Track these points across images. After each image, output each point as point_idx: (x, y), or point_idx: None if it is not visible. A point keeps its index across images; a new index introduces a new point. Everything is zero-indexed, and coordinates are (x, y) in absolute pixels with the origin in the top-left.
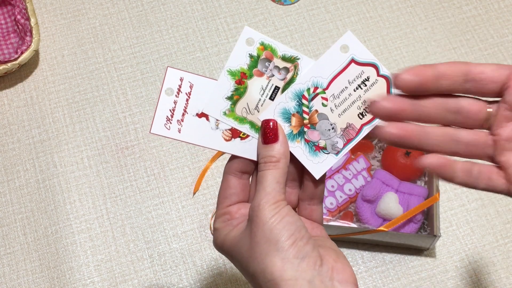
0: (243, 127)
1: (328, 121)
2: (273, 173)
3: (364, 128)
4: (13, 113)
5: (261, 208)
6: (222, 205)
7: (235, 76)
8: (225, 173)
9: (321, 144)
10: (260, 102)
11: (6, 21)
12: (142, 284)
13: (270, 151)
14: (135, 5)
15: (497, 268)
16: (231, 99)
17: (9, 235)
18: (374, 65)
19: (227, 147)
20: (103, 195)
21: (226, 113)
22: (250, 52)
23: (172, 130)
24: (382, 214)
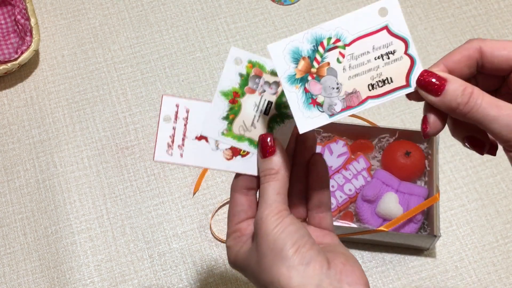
0: (242, 144)
1: (336, 79)
2: (272, 185)
3: (368, 101)
4: (13, 113)
5: (264, 220)
6: (232, 223)
7: (228, 96)
8: (232, 191)
9: (319, 99)
10: (256, 118)
11: (6, 21)
12: (142, 284)
13: (269, 163)
14: (135, 5)
15: (497, 268)
16: (227, 118)
17: (9, 235)
18: (405, 41)
19: (229, 166)
20: (103, 195)
21: (224, 133)
22: (240, 71)
23: (175, 156)
24: (382, 214)
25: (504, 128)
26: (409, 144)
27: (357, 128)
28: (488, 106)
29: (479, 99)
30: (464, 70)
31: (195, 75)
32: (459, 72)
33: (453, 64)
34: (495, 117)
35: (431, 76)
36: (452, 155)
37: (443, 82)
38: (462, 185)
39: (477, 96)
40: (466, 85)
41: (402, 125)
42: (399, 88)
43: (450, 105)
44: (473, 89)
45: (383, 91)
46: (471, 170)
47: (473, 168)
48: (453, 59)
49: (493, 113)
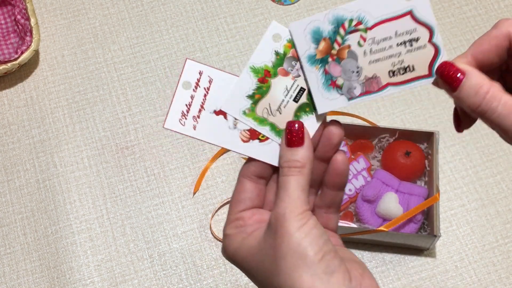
0: (263, 128)
1: (356, 63)
2: (297, 179)
3: (388, 88)
4: (13, 113)
5: (287, 218)
6: (235, 210)
7: (258, 73)
8: (241, 176)
9: (338, 82)
10: (283, 103)
11: (6, 21)
12: (142, 284)
13: (295, 155)
14: (135, 5)
15: (497, 268)
16: (252, 97)
17: (9, 235)
18: (430, 29)
19: (244, 149)
20: (103, 195)
21: (246, 113)
22: (276, 49)
23: (187, 126)
24: (382, 214)
25: None
26: (409, 144)
27: (357, 128)
28: (506, 112)
29: (495, 101)
30: (495, 60)
31: None
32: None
33: (482, 54)
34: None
35: (450, 68)
36: (452, 155)
37: (461, 76)
38: (462, 185)
39: (493, 98)
40: (483, 83)
41: (402, 125)
42: (420, 77)
43: (464, 103)
44: (489, 89)
45: (404, 78)
46: (471, 170)
47: (473, 168)
48: (481, 49)
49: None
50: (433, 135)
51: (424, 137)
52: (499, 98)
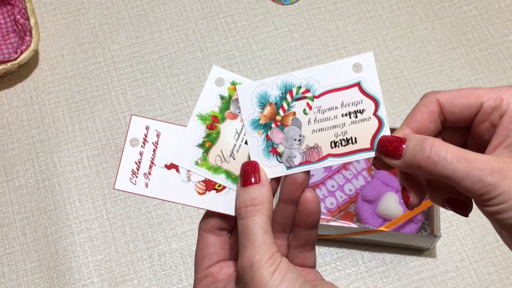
0: (218, 177)
1: (299, 131)
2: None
3: (328, 159)
4: (13, 113)
5: (256, 267)
6: (201, 267)
7: (206, 120)
8: (201, 231)
9: (279, 149)
10: (236, 147)
11: (6, 21)
12: (142, 284)
13: (251, 193)
14: (135, 5)
15: (498, 268)
16: (203, 146)
17: (9, 235)
18: (376, 101)
19: (201, 202)
20: (103, 195)
21: (198, 163)
22: (221, 93)
23: (139, 185)
24: (382, 214)
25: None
26: None
27: None
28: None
29: (442, 151)
30: (430, 127)
31: (195, 75)
32: (425, 130)
33: (417, 123)
34: (465, 172)
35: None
36: None
37: (401, 142)
38: None
39: (440, 149)
40: (425, 138)
41: None
42: (362, 151)
43: (412, 164)
44: (434, 141)
45: (345, 150)
46: None
47: None
48: (415, 119)
49: (462, 169)
50: None
51: None
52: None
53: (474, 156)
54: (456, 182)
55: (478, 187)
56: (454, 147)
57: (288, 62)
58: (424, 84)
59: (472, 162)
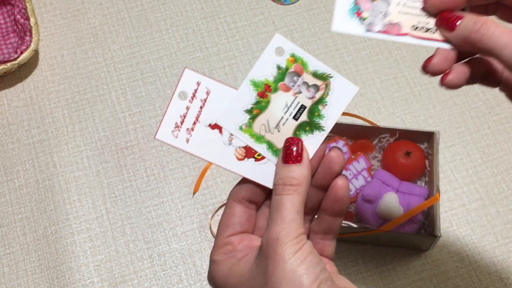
0: (259, 146)
1: (388, 7)
2: (292, 199)
3: (407, 37)
4: (13, 113)
5: (281, 242)
6: (224, 234)
7: (258, 87)
8: (230, 199)
9: (364, 14)
10: (282, 120)
11: (6, 21)
12: (142, 284)
13: (292, 172)
14: (135, 5)
15: (498, 268)
16: (250, 112)
17: (9, 235)
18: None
19: (238, 167)
20: (103, 195)
21: (243, 128)
22: (278, 63)
23: (180, 139)
24: (382, 214)
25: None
26: (409, 144)
27: (358, 128)
28: (501, 33)
29: (491, 27)
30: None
31: None
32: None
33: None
34: (506, 43)
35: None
36: (452, 155)
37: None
38: (462, 185)
39: (489, 25)
40: (479, 17)
41: (403, 125)
42: (437, 41)
43: (463, 34)
44: (486, 19)
45: (424, 36)
46: (471, 170)
47: (474, 168)
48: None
49: (505, 40)
50: (433, 135)
51: (425, 137)
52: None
53: None
54: (497, 53)
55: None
56: (502, 25)
57: None
58: (424, 84)
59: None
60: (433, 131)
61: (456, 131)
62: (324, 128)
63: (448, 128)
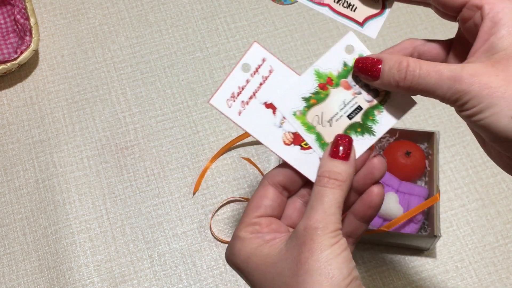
0: (308, 136)
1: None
2: (335, 193)
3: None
4: (13, 113)
5: (320, 233)
6: (253, 214)
7: (321, 78)
8: (265, 182)
9: None
10: (337, 116)
11: (6, 21)
12: (142, 284)
13: (338, 167)
14: (135, 5)
15: (498, 268)
16: (308, 101)
17: (9, 235)
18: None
19: (283, 152)
20: (103, 195)
21: (296, 114)
22: (346, 60)
23: (233, 109)
24: (382, 214)
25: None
26: (409, 144)
27: None
28: (427, 75)
29: (416, 69)
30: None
31: (195, 75)
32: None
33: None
34: (436, 84)
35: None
36: (452, 155)
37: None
38: (462, 185)
39: (413, 68)
40: (401, 59)
41: (402, 125)
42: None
43: (390, 84)
44: (408, 61)
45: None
46: (471, 170)
47: (474, 168)
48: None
49: (433, 81)
50: (433, 135)
51: (425, 137)
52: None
53: (445, 66)
54: (431, 93)
55: (449, 94)
56: (427, 62)
57: (288, 62)
58: None
59: (442, 73)
60: (433, 131)
61: (456, 131)
62: (375, 134)
63: (448, 128)
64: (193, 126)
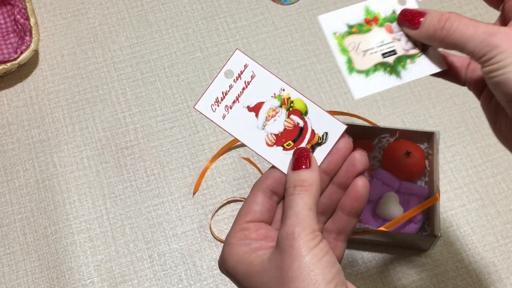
0: (340, 57)
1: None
2: (304, 198)
3: None
4: (13, 113)
5: (296, 237)
6: (243, 219)
7: (369, 15)
8: (254, 189)
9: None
10: (372, 50)
11: (6, 21)
12: (142, 284)
13: (302, 175)
14: (135, 5)
15: (498, 268)
16: (350, 28)
17: (9, 235)
18: None
19: (265, 152)
20: (103, 195)
21: (336, 35)
22: (395, 9)
23: (217, 114)
24: (382, 214)
25: (479, 45)
26: (409, 144)
27: (357, 128)
28: (465, 26)
29: (455, 22)
30: None
31: (195, 75)
32: None
33: None
34: (470, 36)
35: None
36: (452, 155)
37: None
38: (462, 185)
39: (453, 20)
40: (443, 13)
41: (402, 125)
42: None
43: (428, 32)
44: (450, 15)
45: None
46: (471, 170)
47: (474, 168)
48: None
49: (469, 32)
50: (433, 135)
51: (425, 137)
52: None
53: (483, 24)
54: (463, 45)
55: (480, 47)
56: (467, 18)
57: (288, 62)
58: (424, 84)
59: (479, 28)
60: (433, 131)
61: (456, 131)
62: (401, 77)
63: (448, 128)
64: (193, 126)
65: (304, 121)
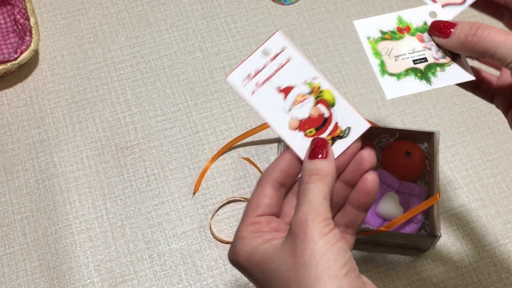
0: (374, 59)
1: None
2: (319, 186)
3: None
4: (13, 113)
5: (310, 224)
6: (253, 213)
7: (401, 24)
8: (263, 181)
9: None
10: (403, 56)
11: (6, 21)
12: (142, 284)
13: (317, 165)
14: (135, 5)
15: (498, 268)
16: (383, 34)
17: (9, 235)
18: None
19: (286, 135)
20: (103, 195)
21: (369, 39)
22: (427, 20)
23: (247, 89)
24: (382, 214)
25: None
26: (409, 144)
27: None
28: (495, 33)
29: (486, 29)
30: None
31: (195, 75)
32: None
33: None
34: (501, 42)
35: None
36: (452, 155)
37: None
38: (462, 185)
39: (484, 27)
40: (473, 22)
41: (402, 125)
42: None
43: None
44: (480, 24)
45: None
46: (471, 170)
47: (474, 168)
48: None
49: (500, 39)
50: (433, 135)
51: (425, 137)
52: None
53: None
54: (494, 52)
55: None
56: (498, 28)
57: None
58: None
59: (510, 35)
60: (433, 131)
61: (456, 131)
62: (431, 83)
63: (448, 128)
64: (193, 126)
65: (330, 112)
